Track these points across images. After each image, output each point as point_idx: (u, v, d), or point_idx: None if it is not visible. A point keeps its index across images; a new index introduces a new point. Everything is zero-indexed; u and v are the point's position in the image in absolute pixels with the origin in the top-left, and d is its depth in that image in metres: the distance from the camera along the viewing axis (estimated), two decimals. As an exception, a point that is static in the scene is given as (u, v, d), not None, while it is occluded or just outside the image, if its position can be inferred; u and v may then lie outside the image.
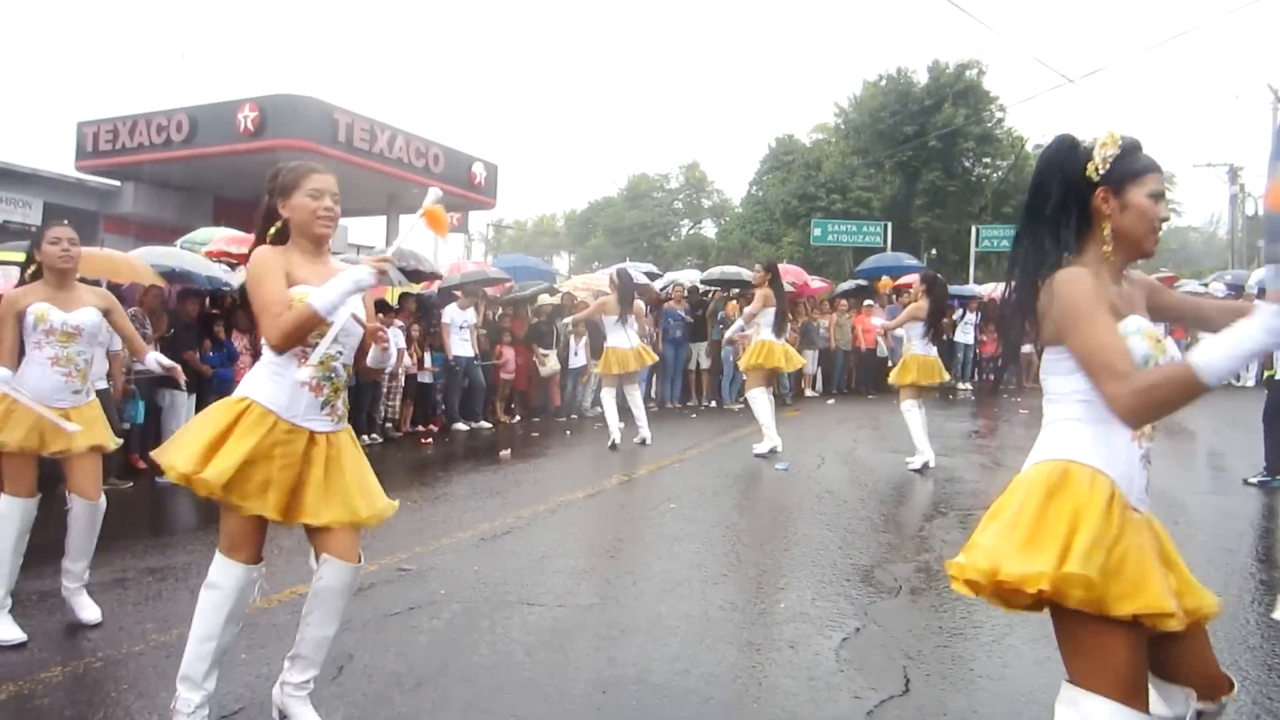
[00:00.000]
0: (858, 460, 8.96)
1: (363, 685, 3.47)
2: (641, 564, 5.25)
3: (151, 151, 21.53)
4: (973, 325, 17.42)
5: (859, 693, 3.49)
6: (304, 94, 20.34)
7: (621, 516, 6.57)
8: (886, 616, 4.37)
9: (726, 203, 56.79)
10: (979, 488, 7.63)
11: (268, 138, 19.82)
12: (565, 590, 4.77)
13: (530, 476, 7.99)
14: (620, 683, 3.54)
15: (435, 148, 23.39)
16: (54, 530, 5.17)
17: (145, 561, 5.36)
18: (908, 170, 36.39)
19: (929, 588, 4.84)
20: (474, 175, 24.80)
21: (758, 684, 3.57)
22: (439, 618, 4.31)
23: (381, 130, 21.65)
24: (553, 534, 6.15)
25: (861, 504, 6.95)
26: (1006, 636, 4.07)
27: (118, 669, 3.65)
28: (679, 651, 3.87)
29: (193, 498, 6.29)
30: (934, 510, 6.77)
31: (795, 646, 4.01)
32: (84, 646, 3.90)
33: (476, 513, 6.49)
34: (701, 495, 7.15)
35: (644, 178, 59.70)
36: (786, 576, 5.08)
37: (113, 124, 22.17)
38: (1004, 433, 11.73)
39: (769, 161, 45.24)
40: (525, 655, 3.83)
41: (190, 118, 20.95)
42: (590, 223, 59.33)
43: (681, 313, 14.19)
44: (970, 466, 8.73)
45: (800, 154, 43.06)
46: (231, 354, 9.01)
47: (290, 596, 4.53)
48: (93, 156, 22.62)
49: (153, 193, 23.16)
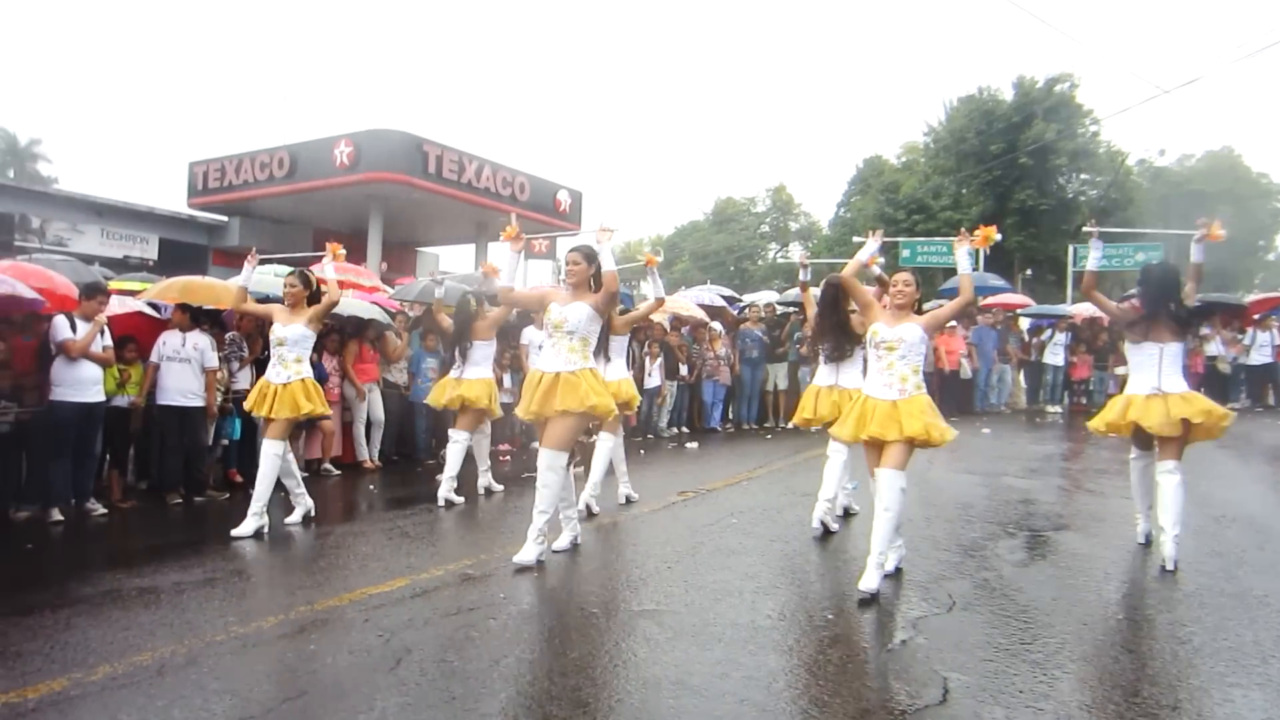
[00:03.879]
0: (929, 480, 8.91)
1: (417, 675, 3.71)
2: (696, 574, 5.39)
3: (256, 188, 22.71)
4: (1063, 346, 16.99)
5: (895, 700, 3.58)
6: (395, 128, 21.17)
7: (683, 530, 6.72)
8: (935, 631, 4.42)
9: (814, 225, 56.60)
10: (1053, 510, 7.54)
11: (362, 171, 20.72)
12: (619, 597, 4.96)
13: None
14: (660, 683, 3.70)
15: (521, 176, 24.05)
16: (160, 534, 5.62)
17: (233, 564, 5.76)
18: (997, 189, 35.73)
19: (984, 605, 4.85)
20: (559, 202, 25.39)
21: (793, 687, 3.68)
22: (496, 619, 4.54)
23: (469, 161, 22.37)
24: (614, 545, 6.37)
25: (926, 523, 6.95)
26: (1056, 655, 4.09)
27: (201, 656, 3.97)
28: (722, 656, 4.00)
29: (282, 509, 6.69)
30: (1002, 531, 6.73)
31: (837, 655, 4.12)
32: (171, 634, 4.25)
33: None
34: (765, 512, 7.26)
35: (730, 201, 59.91)
36: (838, 590, 5.17)
37: (220, 163, 23.45)
38: (1089, 456, 11.45)
39: (857, 183, 45.03)
40: (573, 656, 4.02)
41: (291, 154, 22.03)
42: (676, 247, 59.72)
43: (759, 333, 14.30)
44: (1047, 489, 8.61)
45: (886, 174, 42.76)
46: (322, 375, 9.48)
47: (361, 596, 4.84)
48: (203, 194, 23.95)
49: (257, 226, 24.39)
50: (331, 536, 6.61)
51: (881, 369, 5.23)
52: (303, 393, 6.68)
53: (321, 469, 9.47)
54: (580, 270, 5.71)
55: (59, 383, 6.96)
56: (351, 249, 22.65)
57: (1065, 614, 4.69)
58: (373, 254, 22.08)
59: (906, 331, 5.16)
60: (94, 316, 7.14)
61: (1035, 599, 4.93)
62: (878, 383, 5.24)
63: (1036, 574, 5.55)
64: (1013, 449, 11.53)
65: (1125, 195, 37.44)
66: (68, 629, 4.34)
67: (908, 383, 5.16)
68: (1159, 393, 5.70)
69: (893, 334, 5.19)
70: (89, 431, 7.19)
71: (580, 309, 5.60)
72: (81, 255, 16.95)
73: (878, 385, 5.23)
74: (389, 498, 8.53)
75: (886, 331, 5.21)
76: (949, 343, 15.91)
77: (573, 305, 5.64)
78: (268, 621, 4.44)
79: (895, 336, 5.18)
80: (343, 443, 10.00)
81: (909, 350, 5.17)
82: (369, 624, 4.39)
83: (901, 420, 5.06)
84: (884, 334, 5.21)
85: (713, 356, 13.74)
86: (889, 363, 5.19)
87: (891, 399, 5.14)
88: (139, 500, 7.86)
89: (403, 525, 6.94)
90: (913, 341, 5.15)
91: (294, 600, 4.83)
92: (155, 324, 8.28)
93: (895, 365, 5.18)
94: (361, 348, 10.07)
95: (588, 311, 5.59)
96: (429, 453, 10.77)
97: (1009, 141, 35.32)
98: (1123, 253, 23.19)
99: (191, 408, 7.86)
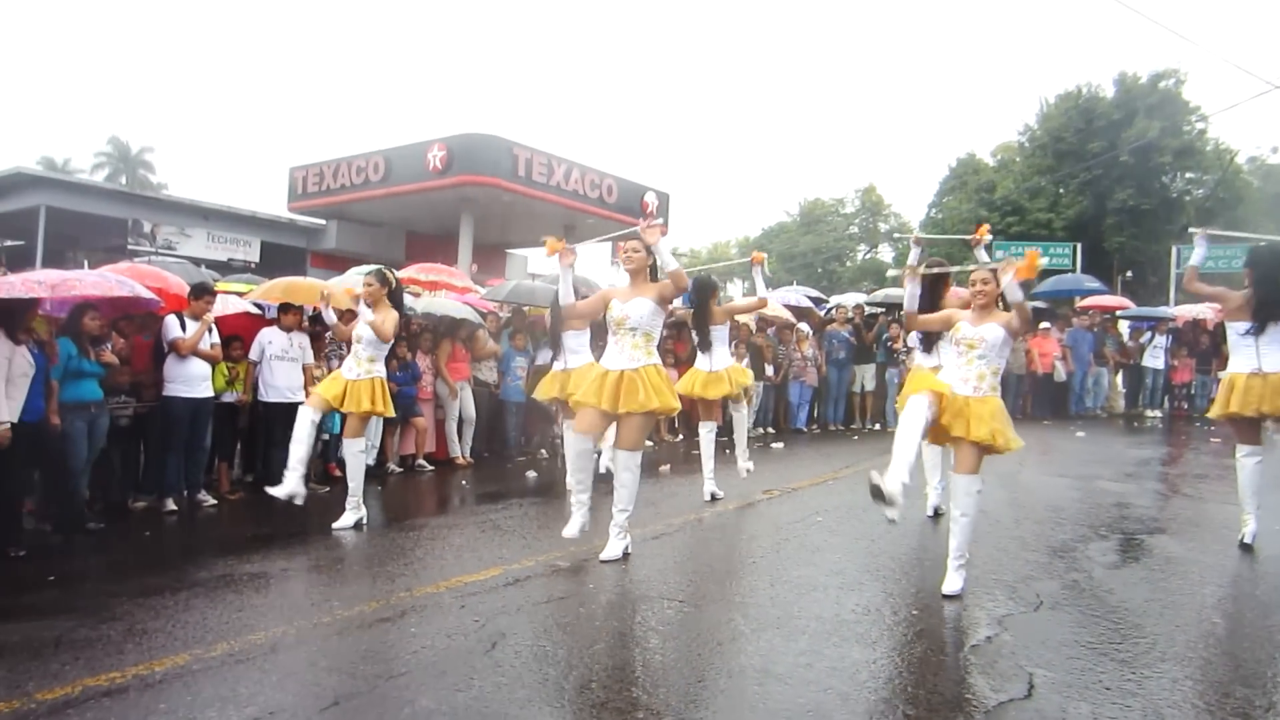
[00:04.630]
0: (1020, 483, 8.78)
1: (511, 658, 3.87)
2: (780, 569, 5.46)
3: (352, 191, 23.44)
4: (1163, 350, 16.46)
5: (978, 693, 3.60)
6: (486, 132, 21.63)
7: (768, 527, 6.78)
8: (1022, 628, 4.40)
9: (904, 226, 55.68)
10: (1148, 514, 7.36)
11: (454, 174, 21.23)
12: (705, 590, 5.06)
13: (685, 490, 8.29)
14: (745, 671, 3.79)
15: (609, 178, 24.31)
16: (266, 524, 5.92)
17: (335, 553, 6.04)
18: (1096, 189, 34.66)
19: (1072, 605, 4.80)
20: (646, 204, 25.58)
21: (876, 678, 3.73)
22: (585, 607, 4.69)
23: (558, 163, 22.72)
24: (700, 540, 6.47)
25: (1015, 524, 6.87)
26: (1145, 654, 4.04)
27: (309, 636, 4.20)
28: (806, 647, 4.07)
29: (378, 501, 6.96)
30: (1093, 533, 6.61)
31: (921, 648, 4.15)
32: (281, 616, 4.50)
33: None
34: (850, 510, 7.26)
35: (818, 202, 59.36)
36: (923, 586, 5.18)
37: (319, 167, 24.26)
38: (1188, 461, 11.12)
39: (949, 182, 44.21)
40: (659, 643, 4.14)
41: (385, 159, 22.68)
42: (763, 249, 59.20)
43: (846, 334, 14.22)
44: (1143, 493, 8.40)
45: (982, 173, 41.89)
46: (415, 373, 9.79)
47: (456, 584, 5.03)
48: (302, 198, 24.81)
49: (353, 229, 25.18)
50: (426, 529, 6.85)
51: (962, 364, 5.21)
52: (368, 392, 6.76)
53: (415, 465, 9.78)
54: (640, 258, 5.73)
55: (171, 379, 7.37)
56: (443, 251, 23.22)
57: (1157, 616, 4.62)
58: (463, 256, 22.59)
59: (988, 331, 5.12)
60: (202, 316, 7.53)
61: (1126, 600, 4.87)
62: (956, 375, 5.23)
63: (1128, 576, 5.46)
64: (1108, 453, 11.25)
65: (1234, 194, 35.95)
66: (187, 609, 4.63)
67: (984, 382, 5.13)
68: (1259, 373, 5.74)
69: (975, 333, 5.17)
70: (199, 426, 7.58)
71: (642, 304, 5.62)
72: (189, 258, 17.80)
73: (955, 378, 5.22)
74: (480, 493, 8.77)
75: (969, 330, 5.19)
76: (1042, 345, 15.58)
77: (634, 301, 5.65)
78: (369, 606, 4.66)
79: (977, 336, 5.16)
80: (436, 439, 10.30)
81: (989, 350, 5.13)
82: (465, 610, 4.57)
83: (970, 420, 5.03)
84: (966, 332, 5.19)
85: (799, 357, 13.72)
86: (969, 359, 5.17)
87: (965, 394, 5.12)
88: (245, 492, 8.24)
89: (494, 518, 7.15)
90: (994, 342, 5.11)
91: (394, 587, 5.05)
92: (261, 323, 8.68)
93: (975, 364, 5.16)
94: (454, 347, 10.35)
95: (650, 306, 5.63)
96: (519, 449, 11.03)
97: (1109, 140, 34.25)
98: (1231, 253, 22.27)
99: (297, 403, 8.19)
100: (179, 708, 3.33)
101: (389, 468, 9.55)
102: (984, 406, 5.05)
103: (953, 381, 5.21)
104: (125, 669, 3.73)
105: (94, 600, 4.89)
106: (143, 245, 21.66)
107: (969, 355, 5.16)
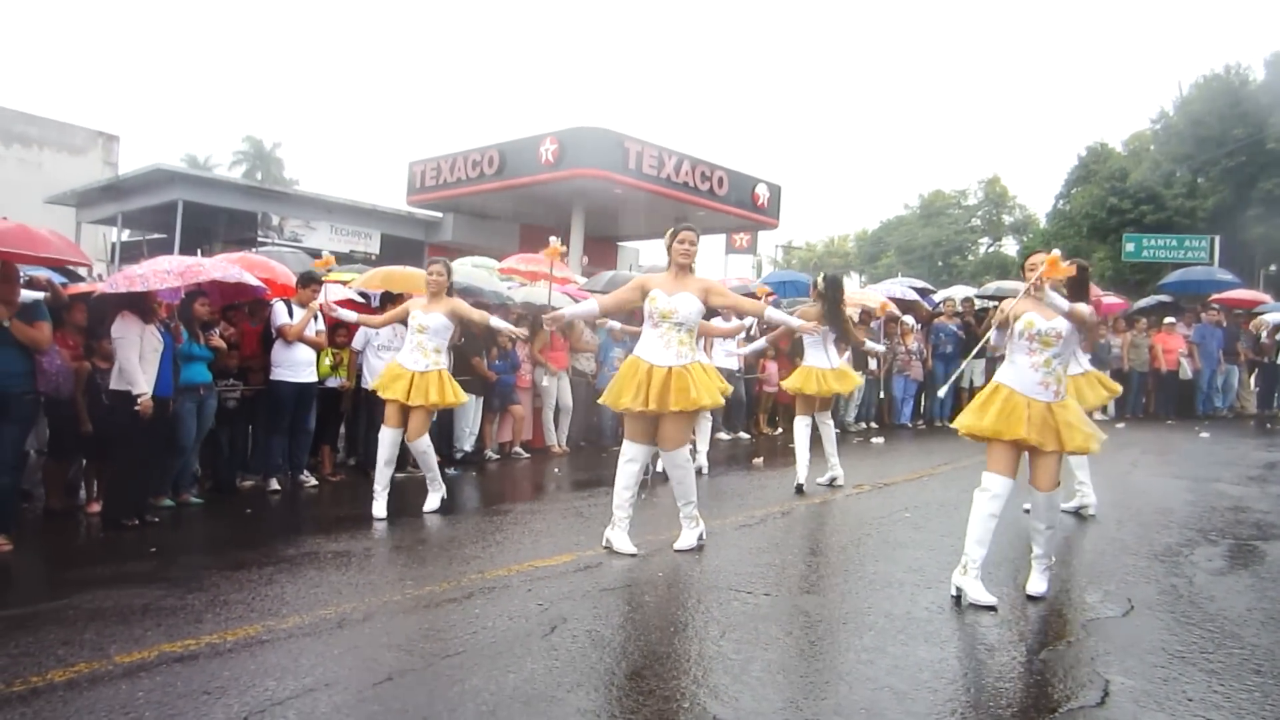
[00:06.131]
0: (1130, 484, 8.35)
1: (568, 642, 3.90)
2: (857, 564, 5.34)
3: (468, 185, 23.96)
4: (1301, 349, 15.38)
5: (1047, 698, 3.44)
6: (597, 125, 21.77)
7: (851, 522, 6.64)
8: (1106, 633, 4.20)
9: (1030, 218, 53.72)
10: (1266, 519, 6.90)
11: (566, 167, 21.46)
12: (775, 582, 4.98)
13: (774, 483, 8.19)
14: (800, 665, 3.73)
15: (720, 170, 24.17)
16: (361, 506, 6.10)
17: (418, 534, 6.20)
18: (1238, 178, 32.61)
19: (1165, 611, 4.55)
20: (757, 196, 25.34)
21: (939, 678, 3.60)
22: (650, 595, 4.69)
23: (669, 156, 22.71)
24: (780, 532, 6.37)
25: (1118, 525, 6.55)
26: (1239, 666, 3.80)
27: (377, 613, 4.32)
28: (870, 644, 3.97)
29: (471, 487, 7.10)
30: (1202, 537, 6.24)
31: (993, 650, 4.00)
32: (355, 593, 4.64)
33: (712, 510, 6.75)
34: (941, 507, 7.04)
35: (939, 194, 57.80)
36: (1005, 587, 4.97)
37: (436, 162, 24.89)
38: (1324, 466, 10.37)
39: (1077, 172, 42.39)
40: (719, 633, 4.09)
41: (500, 152, 23.10)
42: (882, 242, 58.29)
43: (954, 328, 13.78)
44: (1265, 497, 7.87)
45: (1113, 160, 39.99)
46: (514, 362, 9.95)
47: (527, 568, 5.10)
48: (420, 191, 25.51)
49: (468, 222, 25.77)
50: (511, 514, 6.97)
51: (1037, 365, 4.70)
52: (436, 384, 6.72)
53: (512, 452, 9.95)
54: (695, 252, 5.61)
55: (278, 364, 7.69)
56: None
57: (1258, 626, 4.32)
58: (575, 248, 22.83)
59: (1060, 324, 4.70)
60: (308, 304, 7.82)
61: (1226, 608, 4.57)
62: (1030, 380, 4.70)
63: (1233, 583, 5.12)
64: (1232, 454, 10.60)
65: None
66: (269, 583, 4.83)
67: (1062, 384, 4.73)
68: None
69: (1049, 326, 4.70)
70: (303, 409, 7.88)
71: (691, 302, 5.49)
72: (312, 250, 18.53)
73: (1030, 383, 4.70)
74: (571, 480, 8.87)
75: (1042, 324, 4.71)
76: (1167, 341, 14.79)
77: (681, 295, 5.49)
78: (440, 586, 4.76)
79: (1052, 330, 4.70)
80: (533, 428, 10.45)
81: (1064, 346, 4.72)
82: (530, 593, 4.63)
83: (1060, 430, 4.61)
84: (1040, 326, 4.70)
85: (904, 351, 13.37)
86: (1045, 359, 4.69)
87: (1047, 400, 4.67)
88: (346, 474, 8.54)
89: (579, 506, 7.22)
90: (1067, 336, 4.71)
91: (467, 569, 5.15)
92: (366, 311, 8.95)
93: (1052, 363, 4.69)
94: (552, 336, 10.47)
95: (698, 306, 5.51)
96: (614, 439, 11.07)
97: (1255, 125, 32.16)
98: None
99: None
100: (242, 675, 3.47)
101: (486, 454, 9.74)
102: (1069, 412, 4.69)
103: (1028, 386, 4.70)
104: (200, 636, 3.92)
105: (186, 571, 5.16)
106: (270, 237, 22.69)
107: (1044, 354, 4.69)
